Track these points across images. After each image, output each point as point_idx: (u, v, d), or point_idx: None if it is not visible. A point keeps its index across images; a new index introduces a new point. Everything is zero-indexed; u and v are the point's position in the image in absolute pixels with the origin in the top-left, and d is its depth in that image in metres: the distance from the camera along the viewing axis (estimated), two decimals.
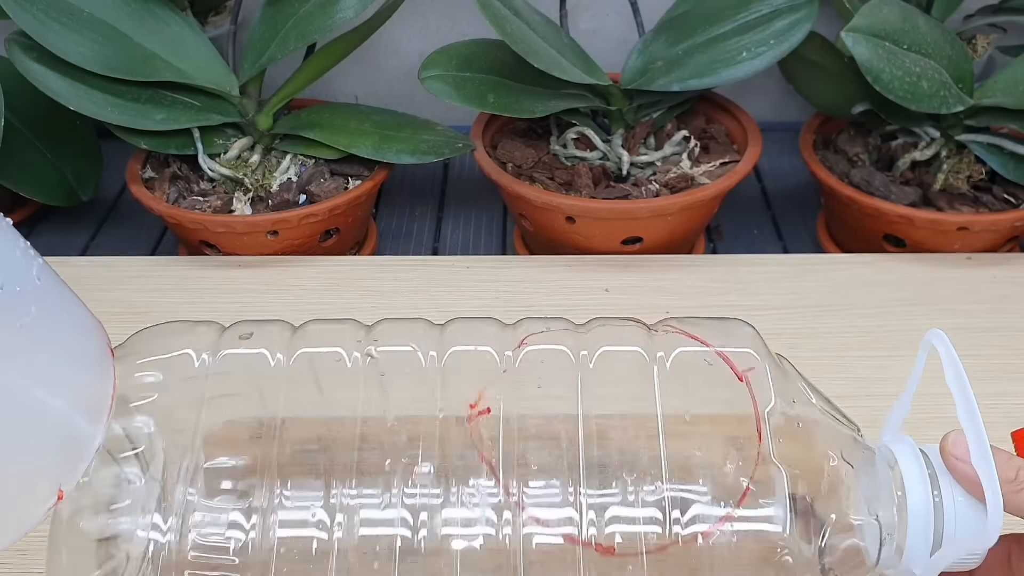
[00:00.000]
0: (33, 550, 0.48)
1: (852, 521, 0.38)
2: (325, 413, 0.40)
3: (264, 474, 0.38)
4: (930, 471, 0.38)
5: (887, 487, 0.38)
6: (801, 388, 0.40)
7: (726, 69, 0.68)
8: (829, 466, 0.39)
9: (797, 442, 0.38)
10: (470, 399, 0.39)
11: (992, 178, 0.71)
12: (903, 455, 0.39)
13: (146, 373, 0.39)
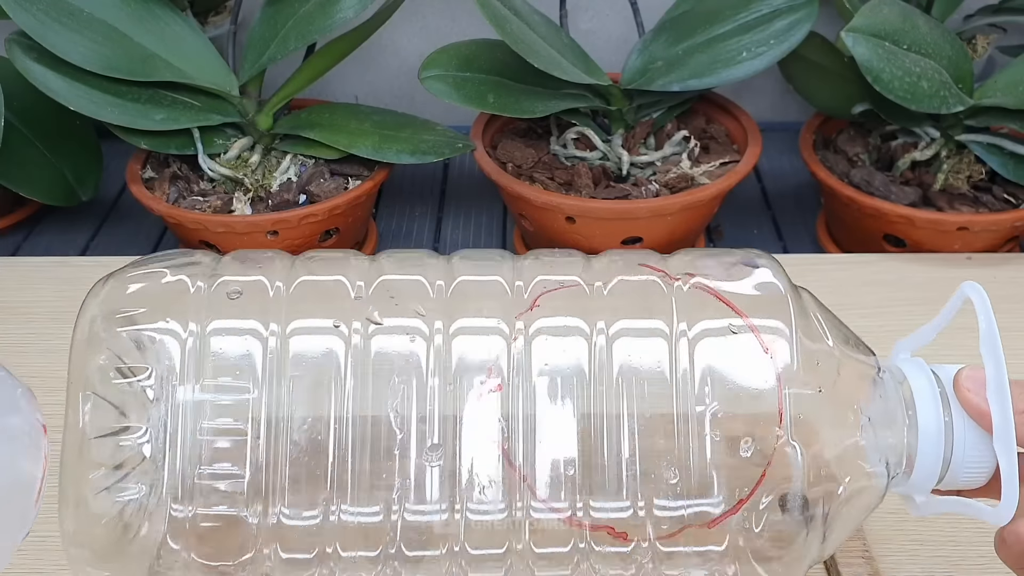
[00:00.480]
0: (33, 550, 0.48)
1: (866, 469, 0.38)
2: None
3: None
4: (940, 390, 0.38)
5: (897, 407, 0.39)
6: (816, 327, 0.40)
7: (726, 69, 0.68)
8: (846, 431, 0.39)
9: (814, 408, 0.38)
10: (479, 376, 0.39)
11: (992, 178, 0.71)
12: (914, 375, 0.39)
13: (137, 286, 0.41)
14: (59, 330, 0.62)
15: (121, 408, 0.38)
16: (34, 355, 0.60)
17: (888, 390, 0.39)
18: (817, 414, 0.38)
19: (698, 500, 0.38)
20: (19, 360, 0.59)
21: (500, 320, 0.39)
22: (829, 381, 0.38)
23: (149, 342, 0.39)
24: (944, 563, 0.47)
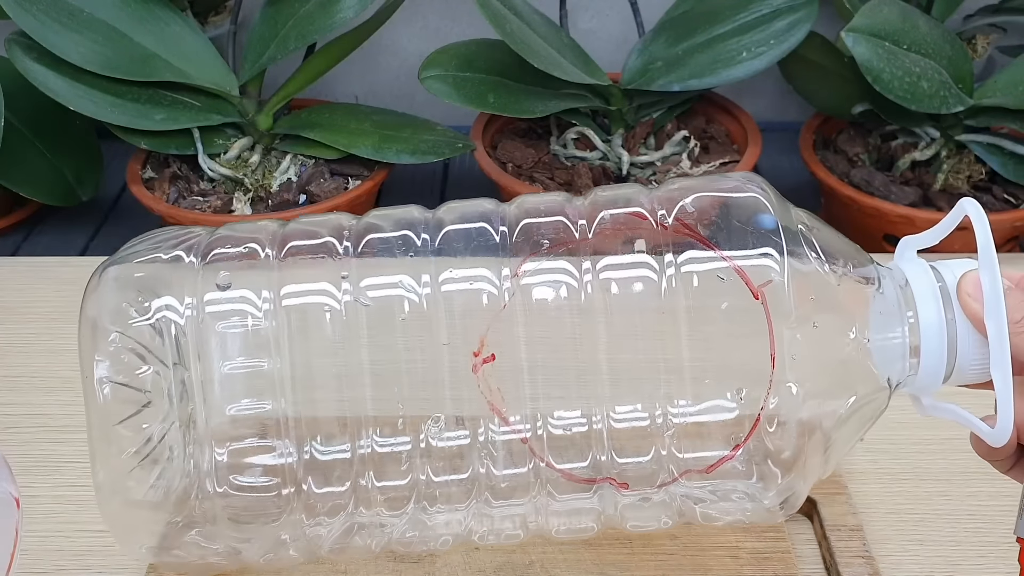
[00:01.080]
0: (33, 550, 0.48)
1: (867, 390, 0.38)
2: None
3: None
4: (941, 285, 0.38)
5: (899, 311, 0.38)
6: (809, 254, 0.39)
7: (726, 69, 0.68)
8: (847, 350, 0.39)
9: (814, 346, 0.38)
10: (472, 346, 0.38)
11: (992, 178, 0.71)
12: (915, 276, 0.39)
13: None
14: (59, 330, 0.62)
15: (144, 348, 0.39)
16: (34, 355, 0.60)
17: (888, 298, 0.39)
18: (813, 349, 0.37)
19: (695, 451, 0.38)
20: (19, 360, 0.59)
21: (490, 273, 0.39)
22: (825, 311, 0.38)
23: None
24: (944, 563, 0.47)
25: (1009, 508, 0.50)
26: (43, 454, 0.53)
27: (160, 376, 0.38)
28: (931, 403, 0.39)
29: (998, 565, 0.47)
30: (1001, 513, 0.50)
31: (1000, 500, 0.51)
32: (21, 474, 0.52)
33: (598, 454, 0.38)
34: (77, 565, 0.47)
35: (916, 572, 0.47)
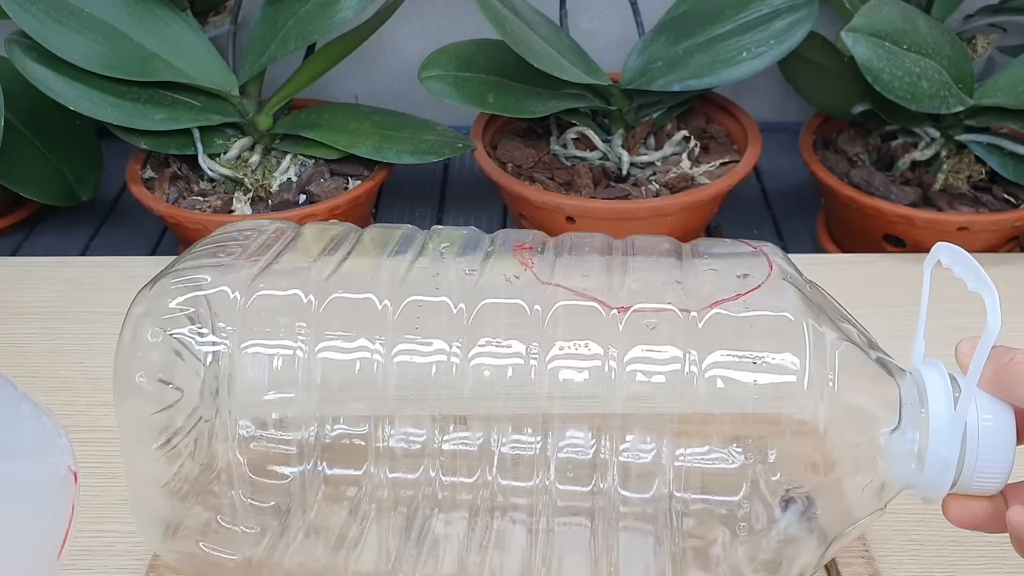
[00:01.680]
0: None
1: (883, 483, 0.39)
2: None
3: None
4: (957, 394, 0.38)
5: (915, 408, 0.39)
6: (831, 358, 0.40)
7: (726, 69, 0.68)
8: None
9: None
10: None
11: (992, 178, 0.71)
12: (930, 378, 0.39)
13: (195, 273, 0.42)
14: (59, 330, 0.62)
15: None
16: (34, 355, 0.60)
17: (908, 397, 0.39)
18: (837, 456, 0.38)
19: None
20: (19, 360, 0.59)
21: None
22: (842, 414, 0.38)
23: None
24: (944, 563, 0.47)
25: None
26: None
27: (196, 375, 0.39)
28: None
29: (998, 565, 0.47)
30: None
31: None
32: None
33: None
34: (77, 565, 0.47)
35: (916, 572, 0.47)
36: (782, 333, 0.39)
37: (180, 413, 0.39)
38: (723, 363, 0.38)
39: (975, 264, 0.38)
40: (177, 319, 0.40)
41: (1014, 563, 0.47)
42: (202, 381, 0.39)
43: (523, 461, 0.39)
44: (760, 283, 0.40)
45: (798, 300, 0.40)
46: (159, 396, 0.39)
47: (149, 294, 0.41)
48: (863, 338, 0.42)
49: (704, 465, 0.38)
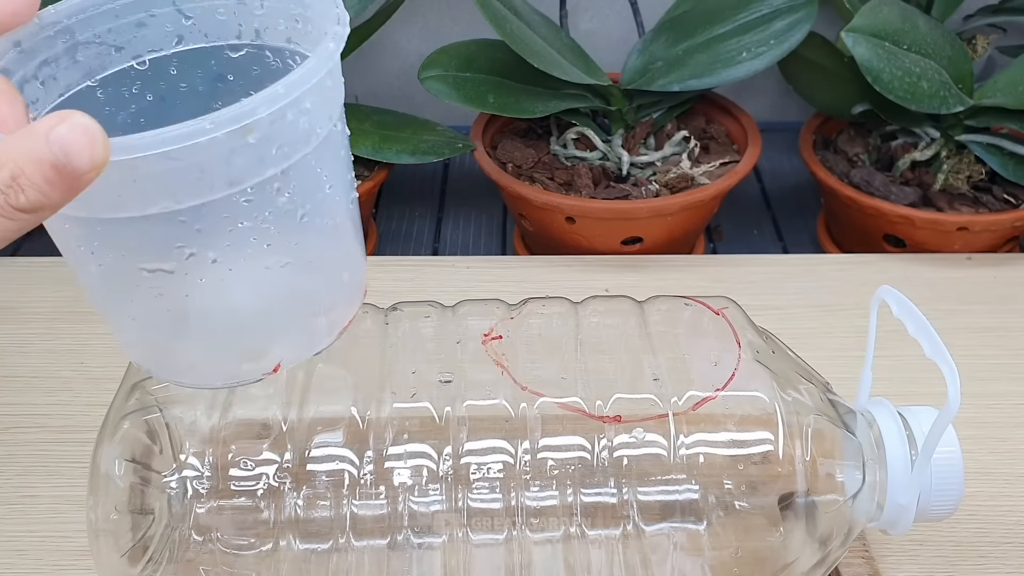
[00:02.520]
0: (33, 550, 0.48)
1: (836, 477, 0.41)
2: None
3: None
4: (908, 432, 0.40)
5: (868, 446, 0.41)
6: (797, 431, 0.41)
7: (726, 69, 0.68)
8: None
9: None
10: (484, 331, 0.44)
11: (992, 178, 0.71)
12: (882, 417, 0.41)
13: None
14: (59, 330, 0.62)
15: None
16: (34, 355, 0.60)
17: (868, 453, 0.41)
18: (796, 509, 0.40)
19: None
20: (19, 360, 0.59)
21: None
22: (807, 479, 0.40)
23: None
24: (944, 563, 0.47)
25: (1009, 508, 0.50)
26: (43, 454, 0.53)
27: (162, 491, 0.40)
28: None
29: (998, 565, 0.47)
30: (1001, 513, 0.50)
31: (1000, 500, 0.51)
32: (21, 474, 0.52)
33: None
34: (77, 565, 0.48)
35: (916, 572, 0.47)
36: (758, 418, 0.41)
37: (153, 534, 0.39)
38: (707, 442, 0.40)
39: (929, 329, 0.40)
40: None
41: (1014, 563, 0.47)
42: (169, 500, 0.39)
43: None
44: (734, 369, 0.42)
45: (769, 381, 0.42)
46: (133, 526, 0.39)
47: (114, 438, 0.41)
48: (821, 391, 0.43)
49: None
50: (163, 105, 0.36)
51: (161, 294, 0.32)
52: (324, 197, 0.33)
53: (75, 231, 0.32)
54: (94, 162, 0.27)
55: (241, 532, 0.39)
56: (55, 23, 0.34)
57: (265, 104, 0.29)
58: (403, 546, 0.39)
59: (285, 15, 0.35)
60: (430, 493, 0.39)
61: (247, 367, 0.35)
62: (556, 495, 0.40)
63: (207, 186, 0.30)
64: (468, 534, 0.39)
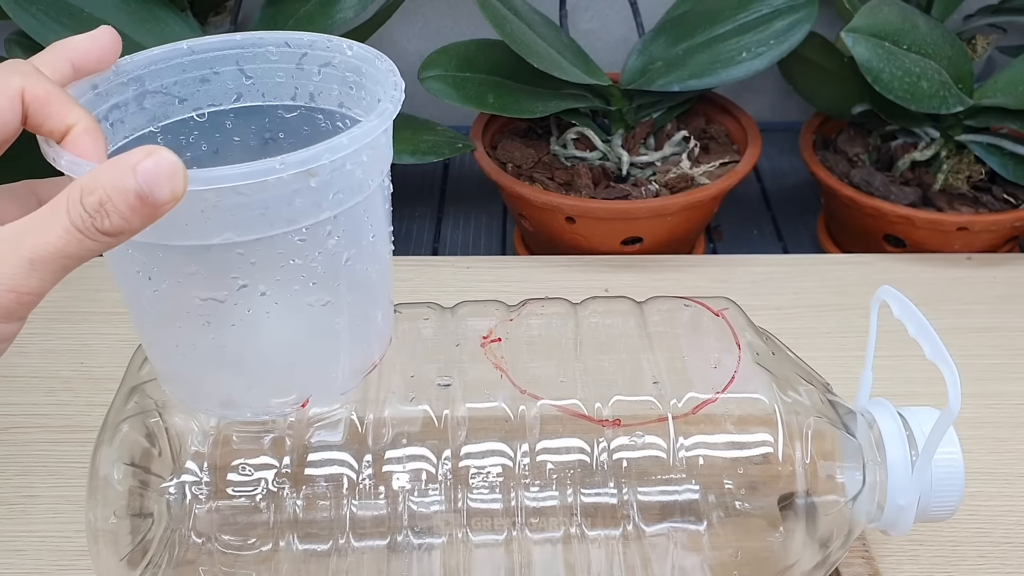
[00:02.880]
0: (33, 550, 0.48)
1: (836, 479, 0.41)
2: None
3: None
4: (908, 433, 0.41)
5: (868, 447, 0.41)
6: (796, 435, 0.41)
7: (726, 69, 0.68)
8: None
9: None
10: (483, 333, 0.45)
11: (992, 178, 0.71)
12: (882, 418, 0.41)
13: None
14: (59, 330, 0.62)
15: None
16: (34, 355, 0.60)
17: (868, 455, 0.41)
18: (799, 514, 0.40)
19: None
20: (19, 360, 0.59)
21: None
22: (808, 482, 0.40)
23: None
24: (944, 563, 0.47)
25: (1009, 508, 0.50)
26: (43, 454, 0.53)
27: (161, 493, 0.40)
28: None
29: (998, 565, 0.47)
30: (1001, 513, 0.50)
31: (1000, 500, 0.51)
32: (21, 474, 0.52)
33: None
34: (77, 565, 0.48)
35: (916, 572, 0.47)
36: (758, 419, 0.41)
37: (152, 537, 0.40)
38: (707, 444, 0.41)
39: (929, 329, 0.39)
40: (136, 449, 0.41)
41: (1014, 563, 0.47)
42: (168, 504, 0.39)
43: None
44: (734, 372, 0.42)
45: (768, 383, 0.42)
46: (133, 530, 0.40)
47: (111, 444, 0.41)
48: (821, 392, 0.43)
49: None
50: (216, 156, 0.39)
51: (209, 322, 0.35)
52: (367, 244, 0.36)
53: (137, 256, 0.34)
54: (175, 194, 0.29)
55: (240, 534, 0.39)
56: (129, 72, 0.37)
57: (330, 152, 0.32)
58: (403, 547, 0.39)
59: (340, 81, 0.38)
60: (430, 494, 0.39)
61: (277, 401, 0.37)
62: (556, 496, 0.40)
63: (268, 222, 0.32)
64: (468, 534, 0.39)
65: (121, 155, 0.29)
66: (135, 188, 0.29)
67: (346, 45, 0.37)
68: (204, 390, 0.38)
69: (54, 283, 0.30)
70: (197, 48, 0.38)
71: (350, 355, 0.38)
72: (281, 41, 0.38)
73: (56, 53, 0.35)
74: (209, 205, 0.31)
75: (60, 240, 0.29)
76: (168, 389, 0.39)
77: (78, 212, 0.29)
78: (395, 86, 0.35)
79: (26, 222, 0.30)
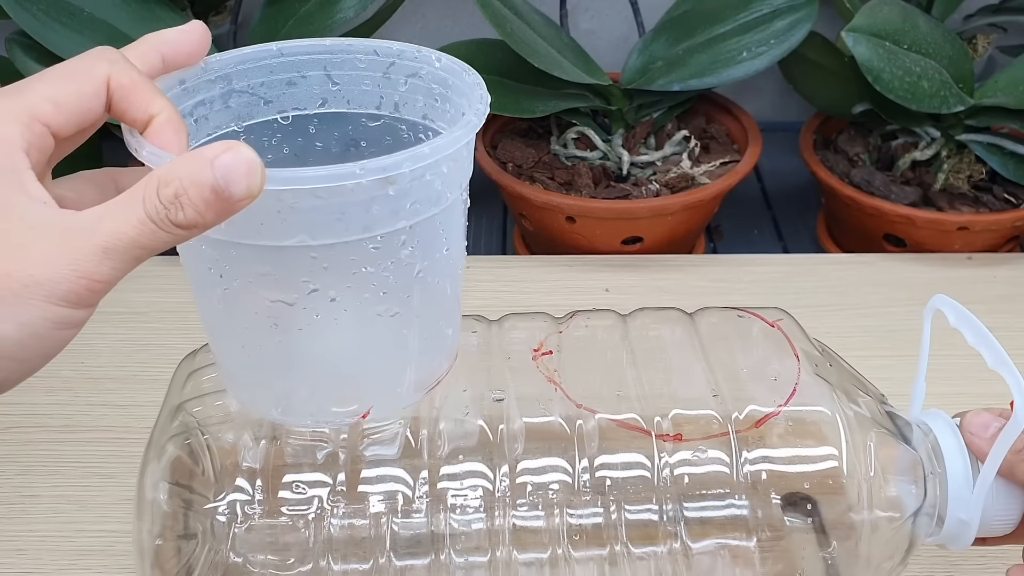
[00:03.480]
0: (33, 550, 0.48)
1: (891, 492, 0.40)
2: None
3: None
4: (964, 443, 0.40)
5: (927, 459, 0.40)
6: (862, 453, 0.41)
7: (726, 69, 0.68)
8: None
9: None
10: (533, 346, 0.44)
11: (992, 178, 0.71)
12: (939, 429, 0.40)
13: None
14: None
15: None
16: None
17: (927, 466, 0.40)
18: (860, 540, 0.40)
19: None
20: None
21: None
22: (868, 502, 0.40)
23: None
24: (944, 563, 0.47)
25: None
26: (43, 454, 0.53)
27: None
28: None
29: (998, 565, 0.47)
30: None
31: None
32: (21, 474, 0.52)
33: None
34: (77, 565, 0.48)
35: (916, 572, 0.47)
36: (821, 432, 0.40)
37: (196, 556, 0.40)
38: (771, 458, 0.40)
39: (989, 337, 0.38)
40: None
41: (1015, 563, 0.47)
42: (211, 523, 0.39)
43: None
44: (795, 384, 0.41)
45: (830, 394, 0.41)
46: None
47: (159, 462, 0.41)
48: (877, 403, 0.42)
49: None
50: (297, 160, 0.39)
51: (276, 324, 0.34)
52: (441, 257, 0.36)
53: (210, 253, 0.34)
54: (251, 191, 0.29)
55: (283, 551, 0.38)
56: (216, 69, 0.37)
57: (410, 161, 0.31)
58: (446, 565, 0.39)
59: (426, 93, 0.37)
60: (481, 509, 0.39)
61: (338, 409, 0.37)
62: (614, 511, 0.39)
63: (343, 227, 0.32)
64: (513, 553, 0.39)
65: (200, 148, 0.29)
66: (211, 182, 0.29)
67: (435, 57, 0.37)
68: (265, 393, 0.37)
69: (126, 272, 0.30)
70: (286, 50, 0.37)
71: (416, 368, 0.37)
72: (370, 49, 0.37)
73: (148, 45, 0.34)
74: (285, 206, 0.31)
75: (134, 230, 0.29)
76: (230, 389, 0.38)
77: (153, 203, 0.29)
78: (481, 99, 0.34)
79: (103, 209, 0.30)
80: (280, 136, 0.38)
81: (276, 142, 0.38)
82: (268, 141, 0.38)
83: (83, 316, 0.31)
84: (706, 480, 0.39)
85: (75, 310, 0.30)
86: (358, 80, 0.38)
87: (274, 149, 0.39)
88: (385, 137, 0.39)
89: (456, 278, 0.38)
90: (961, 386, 0.46)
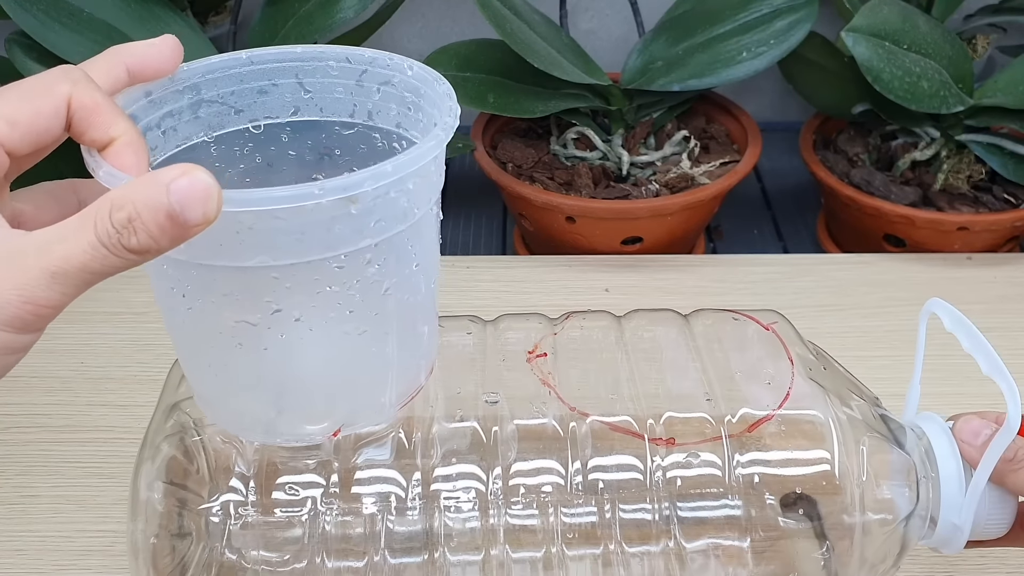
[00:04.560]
0: (33, 550, 0.48)
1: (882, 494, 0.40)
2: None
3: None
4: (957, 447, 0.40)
5: (920, 463, 0.40)
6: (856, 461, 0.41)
7: (726, 69, 0.68)
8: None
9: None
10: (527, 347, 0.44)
11: (992, 178, 0.71)
12: (933, 433, 0.40)
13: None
14: (59, 330, 0.61)
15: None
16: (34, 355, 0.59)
17: (920, 470, 0.40)
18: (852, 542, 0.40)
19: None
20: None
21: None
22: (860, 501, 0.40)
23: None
24: (944, 563, 0.47)
25: None
26: (43, 454, 0.53)
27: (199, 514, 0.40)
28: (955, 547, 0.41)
29: (998, 565, 0.47)
30: None
31: None
32: (21, 474, 0.52)
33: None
34: (77, 565, 0.48)
35: (916, 572, 0.47)
36: (814, 436, 0.40)
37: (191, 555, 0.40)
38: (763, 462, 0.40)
39: (984, 343, 0.38)
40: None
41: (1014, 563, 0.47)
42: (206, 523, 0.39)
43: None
44: (788, 388, 0.41)
45: (823, 398, 0.41)
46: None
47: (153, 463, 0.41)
48: (871, 406, 0.42)
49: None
50: (270, 170, 0.38)
51: (241, 344, 0.34)
52: (410, 273, 0.35)
53: (172, 273, 0.33)
54: (207, 216, 0.28)
55: (278, 550, 0.38)
56: (185, 79, 0.36)
57: (372, 179, 0.30)
58: (440, 563, 0.39)
59: (399, 101, 0.37)
60: (475, 510, 0.39)
61: (310, 428, 0.36)
62: (608, 512, 0.39)
63: (305, 248, 0.31)
64: (508, 552, 0.39)
65: (155, 171, 0.28)
66: (166, 207, 0.28)
67: (407, 65, 0.36)
68: (235, 412, 0.37)
69: (74, 296, 0.29)
70: (256, 58, 0.37)
71: (390, 383, 0.37)
72: (342, 56, 0.37)
73: (113, 57, 0.34)
74: (245, 227, 0.30)
75: (84, 255, 0.28)
76: (202, 408, 0.38)
77: (105, 227, 0.28)
78: (450, 111, 0.34)
79: (53, 232, 0.29)
80: (252, 145, 0.38)
81: (248, 151, 0.38)
82: (239, 151, 0.37)
83: (28, 341, 0.30)
84: (698, 483, 0.39)
85: (20, 335, 0.29)
86: (331, 88, 0.37)
87: (246, 158, 0.38)
88: (359, 145, 0.38)
89: (429, 292, 0.37)
90: (959, 386, 0.46)
